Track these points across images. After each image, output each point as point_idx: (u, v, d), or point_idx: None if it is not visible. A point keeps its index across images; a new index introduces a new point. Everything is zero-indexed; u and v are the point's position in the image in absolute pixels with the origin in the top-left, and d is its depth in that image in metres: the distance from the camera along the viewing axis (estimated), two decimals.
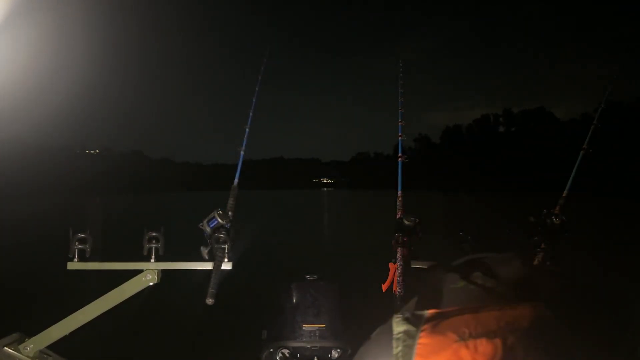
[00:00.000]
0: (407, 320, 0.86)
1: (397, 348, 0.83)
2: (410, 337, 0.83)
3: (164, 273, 2.37)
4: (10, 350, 2.19)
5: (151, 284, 2.33)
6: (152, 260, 2.34)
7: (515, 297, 0.93)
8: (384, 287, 2.28)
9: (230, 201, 2.42)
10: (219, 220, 2.23)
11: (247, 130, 2.63)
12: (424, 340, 0.82)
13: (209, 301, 2.11)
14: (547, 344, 0.81)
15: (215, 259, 2.24)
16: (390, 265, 2.26)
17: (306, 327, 2.38)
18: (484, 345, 0.78)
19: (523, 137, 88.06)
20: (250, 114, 2.67)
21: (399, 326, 0.86)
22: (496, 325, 0.81)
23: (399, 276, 2.19)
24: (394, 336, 0.85)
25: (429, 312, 0.86)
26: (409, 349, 0.82)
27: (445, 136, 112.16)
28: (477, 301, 0.92)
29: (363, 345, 0.97)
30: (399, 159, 2.56)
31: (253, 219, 21.93)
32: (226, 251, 2.26)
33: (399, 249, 2.25)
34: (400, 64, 2.86)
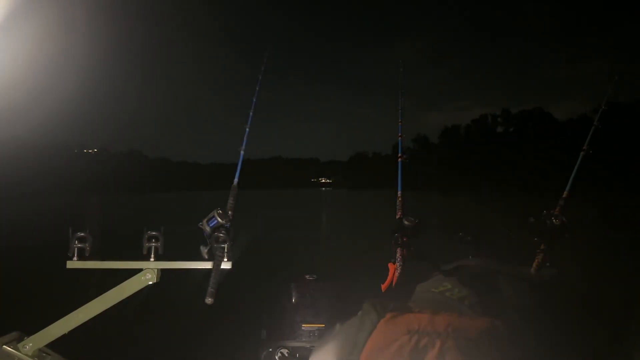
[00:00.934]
0: (374, 306, 1.01)
1: (360, 328, 1.00)
2: (371, 322, 0.98)
3: (164, 272, 2.37)
4: (9, 349, 2.19)
5: (150, 283, 2.33)
6: (152, 259, 2.34)
7: (482, 310, 1.03)
8: (384, 287, 2.28)
9: (230, 201, 2.42)
10: (219, 219, 2.23)
11: (247, 130, 2.63)
12: (380, 327, 0.96)
13: (209, 300, 2.11)
14: (485, 356, 0.92)
15: (215, 258, 2.23)
16: (390, 265, 2.26)
17: (305, 327, 2.39)
18: (424, 342, 0.90)
19: (521, 138, 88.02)
20: (251, 113, 2.66)
21: (366, 310, 1.02)
22: (444, 328, 0.92)
23: (399, 276, 2.18)
24: (361, 318, 1.02)
25: (394, 304, 1.01)
26: (367, 332, 0.97)
27: (443, 136, 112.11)
28: (445, 308, 1.03)
29: (348, 320, 1.13)
30: (399, 159, 2.55)
31: (252, 218, 21.90)
32: (226, 251, 2.26)
33: (398, 249, 2.25)
34: (401, 64, 2.86)
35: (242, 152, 2.59)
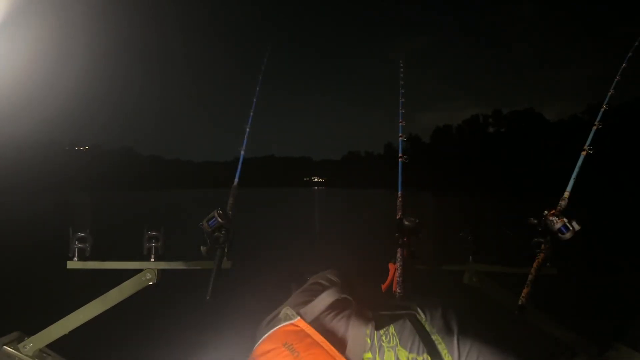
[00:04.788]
0: (287, 313, 1.20)
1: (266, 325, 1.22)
2: (274, 326, 1.18)
3: (164, 272, 2.37)
4: (9, 349, 2.18)
5: (151, 283, 2.33)
6: (152, 259, 2.34)
7: None
8: (384, 287, 2.27)
9: (230, 201, 2.40)
10: (219, 220, 2.22)
11: (248, 130, 2.62)
12: (286, 328, 1.15)
13: (209, 300, 2.11)
14: None
15: (215, 258, 2.23)
16: (390, 265, 2.25)
17: None
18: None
19: (513, 138, 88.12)
20: (251, 113, 2.65)
21: (283, 312, 1.21)
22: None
23: (399, 276, 2.18)
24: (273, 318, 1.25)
25: (298, 320, 1.17)
26: (266, 332, 1.17)
27: (435, 136, 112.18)
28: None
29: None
30: (400, 159, 2.54)
31: (252, 218, 21.86)
32: (226, 250, 2.26)
33: (399, 249, 2.24)
34: (401, 64, 2.85)
35: (242, 153, 2.58)
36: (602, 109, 2.22)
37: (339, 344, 1.13)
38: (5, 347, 2.18)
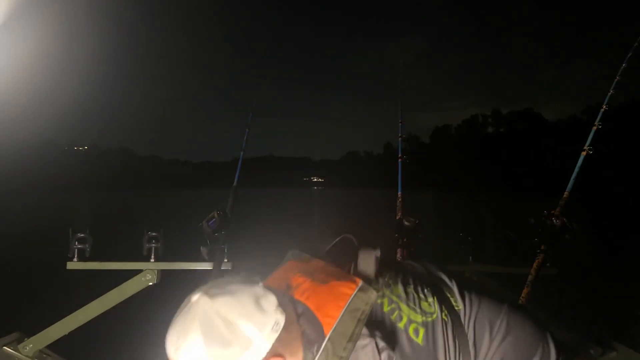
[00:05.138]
0: (293, 253, 1.20)
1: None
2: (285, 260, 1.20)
3: (164, 273, 2.36)
4: (9, 349, 2.17)
5: (151, 283, 2.32)
6: (152, 260, 2.33)
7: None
8: None
9: (230, 201, 2.41)
10: (219, 220, 2.22)
11: (248, 130, 2.62)
12: (294, 263, 1.16)
13: None
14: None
15: (215, 259, 2.22)
16: None
17: None
18: (301, 281, 1.08)
19: (512, 138, 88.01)
20: (251, 114, 2.65)
21: (289, 253, 1.21)
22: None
23: None
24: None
25: (305, 256, 1.17)
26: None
27: (434, 136, 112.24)
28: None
29: None
30: (399, 160, 2.54)
31: (251, 218, 21.81)
32: (226, 251, 2.26)
33: (399, 250, 2.24)
34: (401, 65, 2.85)
35: (242, 153, 2.58)
36: (602, 109, 2.21)
37: (351, 267, 1.14)
38: (5, 347, 2.17)
